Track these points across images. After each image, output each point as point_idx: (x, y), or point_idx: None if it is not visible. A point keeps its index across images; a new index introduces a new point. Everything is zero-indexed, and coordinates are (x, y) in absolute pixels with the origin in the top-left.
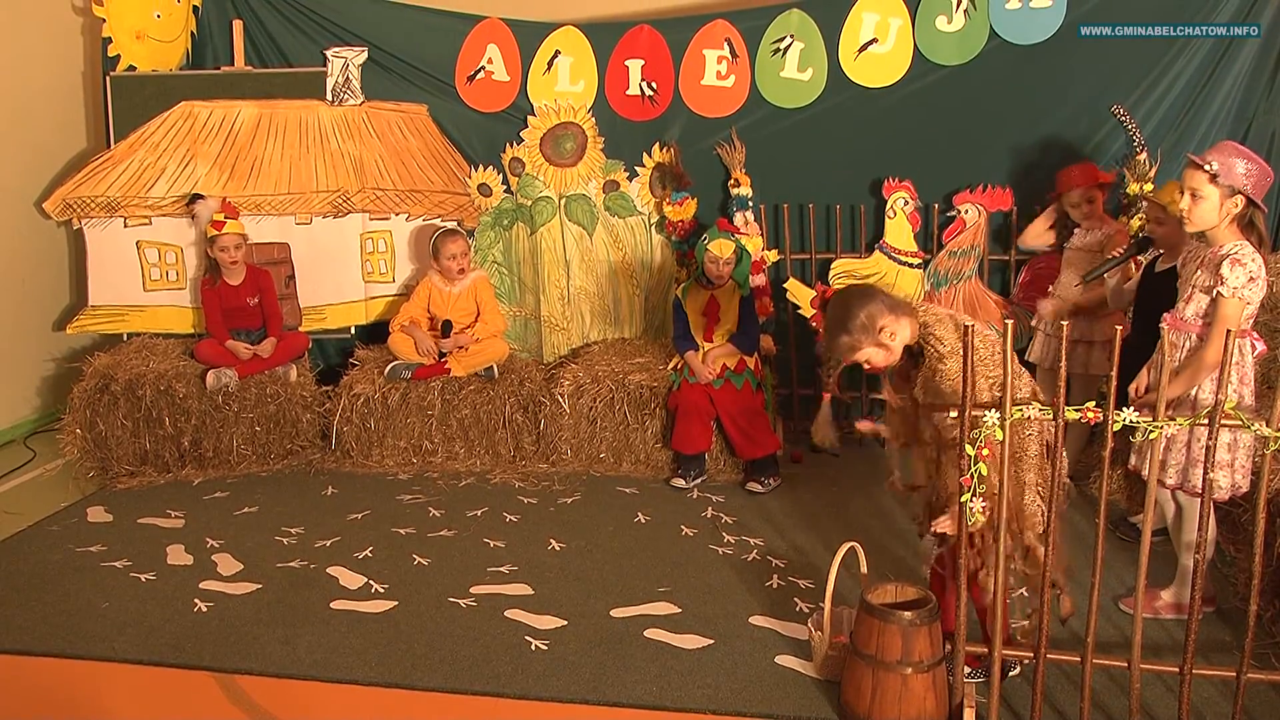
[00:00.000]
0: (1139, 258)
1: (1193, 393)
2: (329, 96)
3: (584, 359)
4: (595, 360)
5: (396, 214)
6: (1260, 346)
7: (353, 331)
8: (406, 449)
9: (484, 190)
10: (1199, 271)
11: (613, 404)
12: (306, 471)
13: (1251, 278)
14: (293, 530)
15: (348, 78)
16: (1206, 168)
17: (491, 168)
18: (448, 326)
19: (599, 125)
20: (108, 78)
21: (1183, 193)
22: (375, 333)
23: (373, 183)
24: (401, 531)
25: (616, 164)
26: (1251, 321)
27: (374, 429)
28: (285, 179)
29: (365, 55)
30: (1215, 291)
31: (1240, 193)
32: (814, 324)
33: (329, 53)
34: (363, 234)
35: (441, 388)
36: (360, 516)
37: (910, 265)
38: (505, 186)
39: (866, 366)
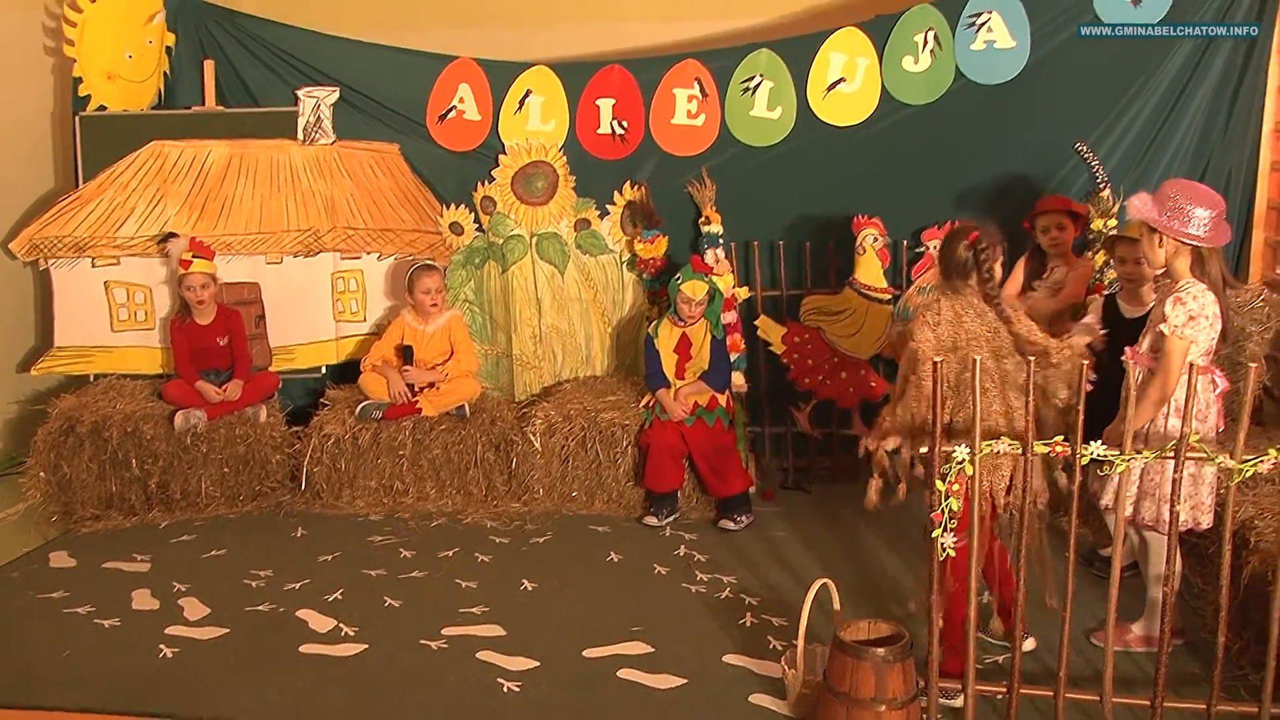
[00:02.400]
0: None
1: (1147, 427)
2: (300, 136)
3: (556, 397)
4: (567, 398)
5: (368, 253)
6: (1222, 384)
7: (323, 371)
8: (377, 489)
9: (455, 229)
10: (1158, 306)
11: (585, 442)
12: (276, 513)
13: (1191, 316)
14: (261, 573)
15: (319, 117)
16: (1151, 224)
17: (463, 206)
18: (408, 352)
19: (570, 164)
20: (77, 117)
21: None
22: (346, 372)
23: (344, 221)
24: (372, 573)
25: (588, 202)
26: (1209, 359)
27: (345, 469)
28: (256, 218)
29: (337, 95)
30: (1159, 329)
31: (1187, 241)
32: (784, 361)
33: (300, 92)
34: (334, 273)
35: (413, 427)
36: (330, 558)
37: (880, 301)
38: (477, 225)
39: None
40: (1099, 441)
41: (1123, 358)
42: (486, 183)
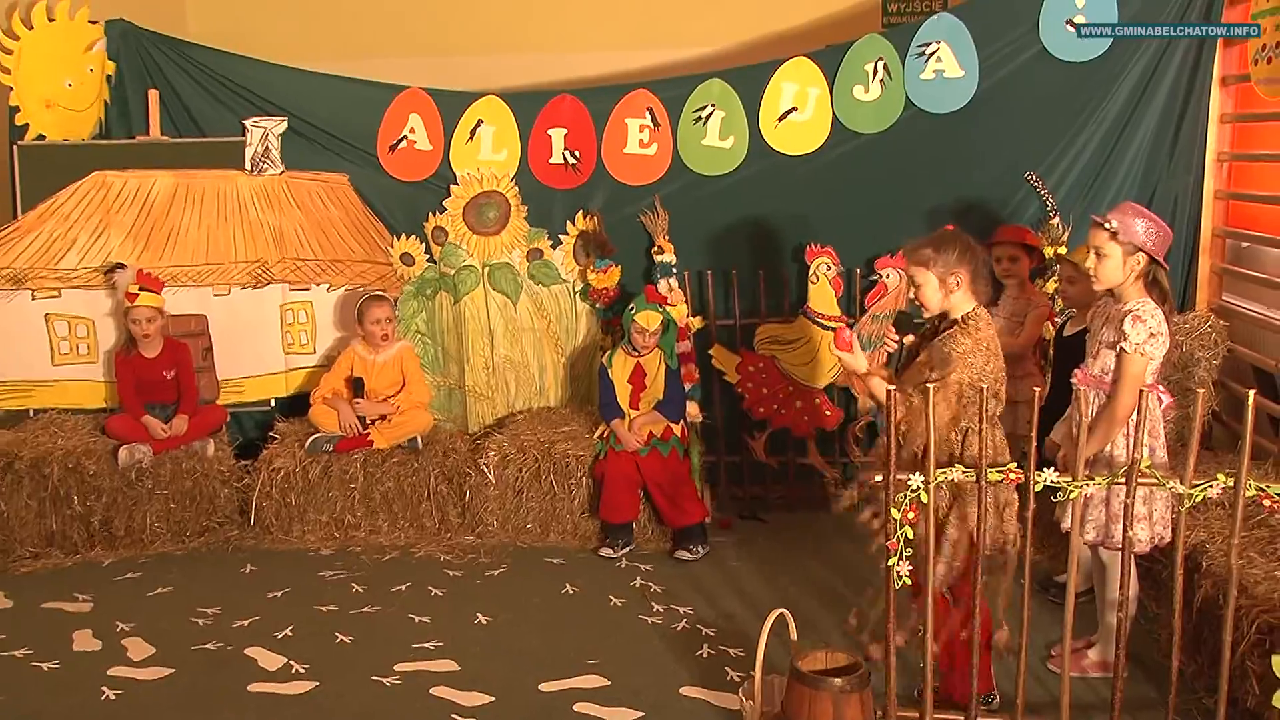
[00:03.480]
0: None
1: (1107, 449)
2: (248, 166)
3: (509, 428)
4: (521, 430)
5: (317, 284)
6: (1167, 399)
7: (272, 404)
8: (328, 524)
9: (406, 260)
10: (1105, 328)
11: (539, 474)
12: (224, 549)
13: (1152, 333)
14: (209, 611)
15: (267, 147)
16: (1107, 225)
17: (414, 237)
18: (359, 384)
19: (522, 193)
20: (15, 146)
21: (1089, 252)
22: (296, 405)
23: (293, 253)
24: (323, 609)
25: (540, 232)
26: (1155, 376)
27: (294, 504)
28: (203, 249)
29: (285, 125)
30: (1119, 348)
31: (1141, 250)
32: (739, 390)
33: (248, 122)
34: (282, 305)
35: (364, 460)
36: (280, 594)
37: (834, 330)
38: (428, 256)
39: (911, 292)
40: (1051, 469)
41: (1072, 380)
42: (438, 213)
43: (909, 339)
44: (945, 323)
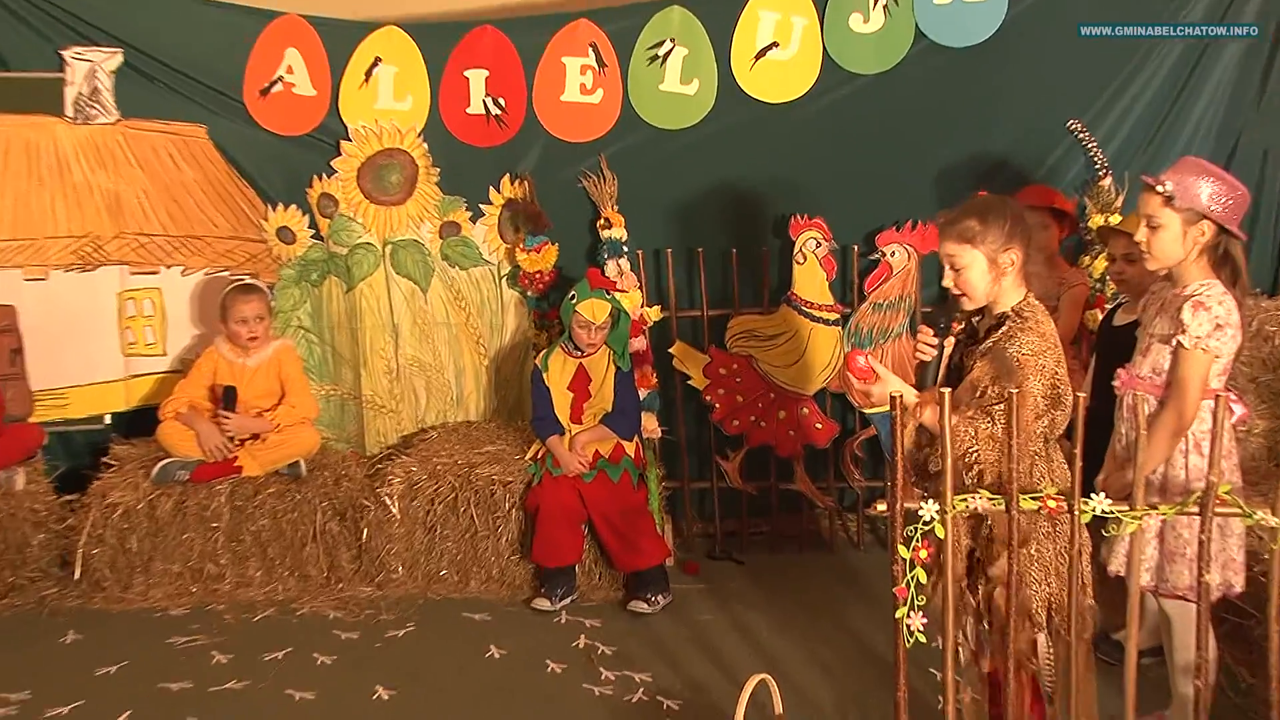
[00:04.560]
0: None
1: (1159, 471)
2: (70, 112)
3: (418, 449)
4: (433, 450)
5: (168, 266)
6: (1240, 409)
7: (107, 421)
8: (182, 575)
9: (285, 236)
10: (1158, 318)
11: (456, 506)
12: (37, 612)
13: (1218, 324)
14: (13, 697)
15: (95, 88)
16: (1160, 188)
17: (294, 207)
18: (230, 395)
19: (433, 153)
20: None
21: (1140, 222)
22: (139, 422)
23: (134, 226)
24: (173, 687)
25: (456, 201)
26: (1224, 378)
27: (136, 550)
28: (8, 220)
29: (120, 59)
30: (1175, 341)
31: (1206, 217)
32: (707, 398)
33: (68, 54)
34: (121, 292)
35: (230, 492)
36: (114, 670)
37: (825, 322)
38: (313, 231)
39: (949, 276)
40: (1103, 495)
41: (1115, 383)
42: (325, 176)
43: (950, 340)
44: (988, 319)
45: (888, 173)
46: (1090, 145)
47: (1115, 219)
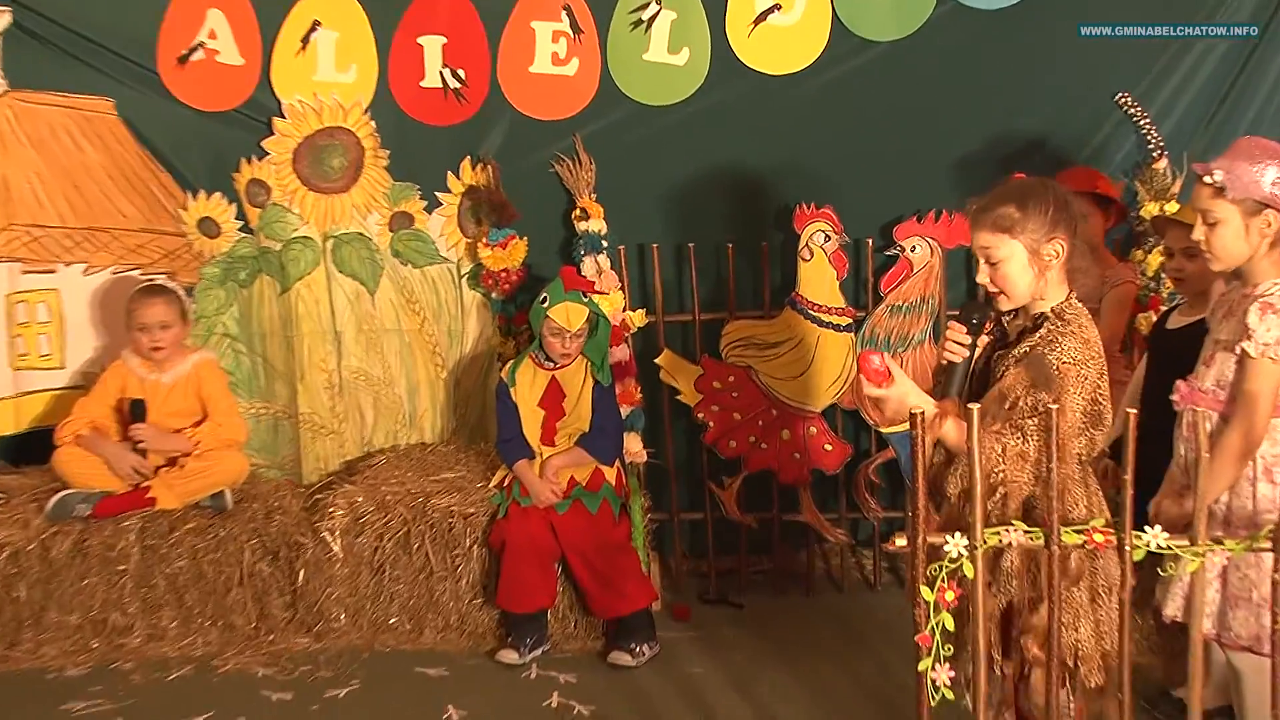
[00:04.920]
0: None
1: (1222, 500)
2: None
3: (364, 476)
4: (381, 478)
5: (67, 264)
6: None
7: None
8: (81, 628)
9: (208, 228)
10: (1225, 321)
11: (408, 542)
12: None
13: None
14: None
15: None
16: (1209, 179)
17: (219, 195)
18: (139, 408)
19: (381, 132)
20: None
21: (1197, 218)
22: (31, 447)
23: (26, 216)
24: None
25: (409, 189)
26: None
27: (26, 599)
28: None
29: (8, 19)
30: (1239, 349)
31: (1269, 206)
32: (700, 416)
33: None
34: (10, 295)
35: (141, 529)
36: None
37: (835, 327)
38: (241, 223)
39: (984, 271)
40: (1158, 527)
41: (1173, 397)
42: (254, 159)
43: (983, 340)
44: (1022, 319)
45: (907, 155)
46: (1143, 121)
47: (1172, 208)
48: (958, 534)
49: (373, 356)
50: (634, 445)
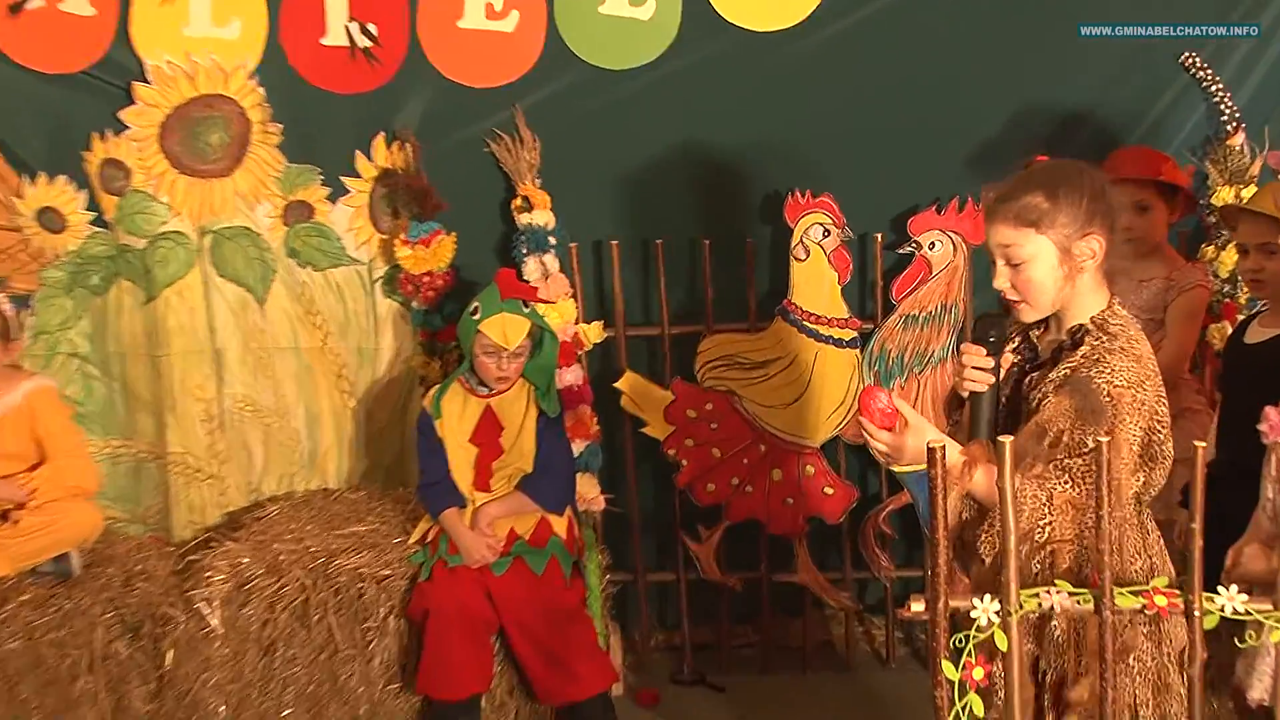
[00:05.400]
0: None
1: None
2: None
3: (252, 531)
4: (273, 534)
5: None
6: None
7: None
8: None
9: (50, 221)
10: None
11: (307, 614)
12: None
13: None
14: None
15: None
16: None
17: (64, 179)
18: None
19: (272, 102)
20: None
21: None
22: None
23: None
24: None
25: (307, 173)
26: None
27: None
28: None
29: None
30: None
31: None
32: (671, 453)
33: None
34: None
35: None
36: None
37: (837, 342)
38: (93, 214)
39: (1003, 275)
40: (1234, 588)
41: (1261, 427)
42: (110, 135)
43: (1006, 360)
44: (1055, 333)
45: (924, 132)
46: (1214, 88)
47: (1249, 193)
48: (987, 597)
49: (262, 381)
50: (589, 490)
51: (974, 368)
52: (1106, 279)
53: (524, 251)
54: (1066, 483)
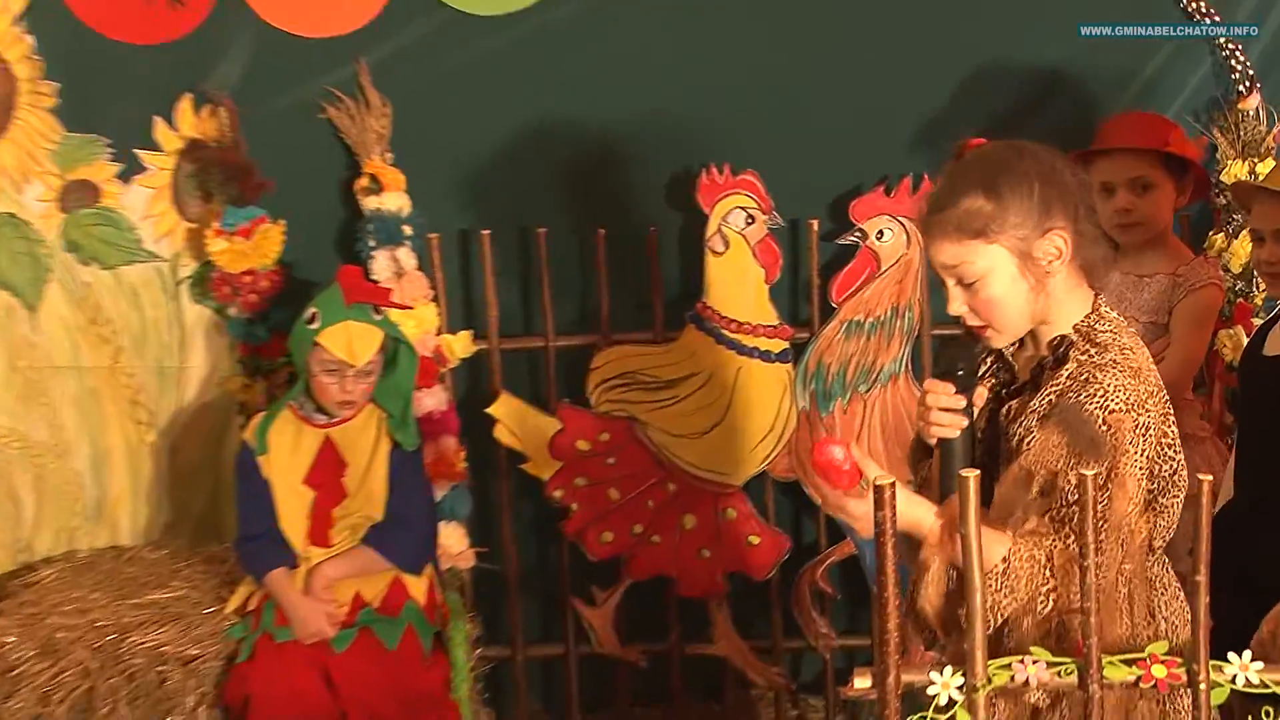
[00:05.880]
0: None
1: None
2: None
3: (20, 602)
4: (49, 604)
5: None
6: None
7: None
8: None
9: None
10: None
11: (92, 706)
12: None
13: None
14: None
15: None
16: None
17: None
18: None
19: (45, 55)
20: None
21: None
22: None
23: None
24: None
25: (92, 145)
26: None
27: None
28: None
29: None
30: None
31: None
32: (557, 494)
33: None
34: None
35: None
36: None
37: (764, 355)
38: None
39: (958, 298)
40: (1246, 654)
41: None
42: None
43: (981, 394)
44: (1033, 349)
45: (870, 95)
46: (1225, 44)
47: (1266, 167)
48: (948, 670)
49: (33, 410)
50: (454, 543)
51: (941, 409)
52: (1085, 275)
53: (372, 244)
54: (1068, 537)
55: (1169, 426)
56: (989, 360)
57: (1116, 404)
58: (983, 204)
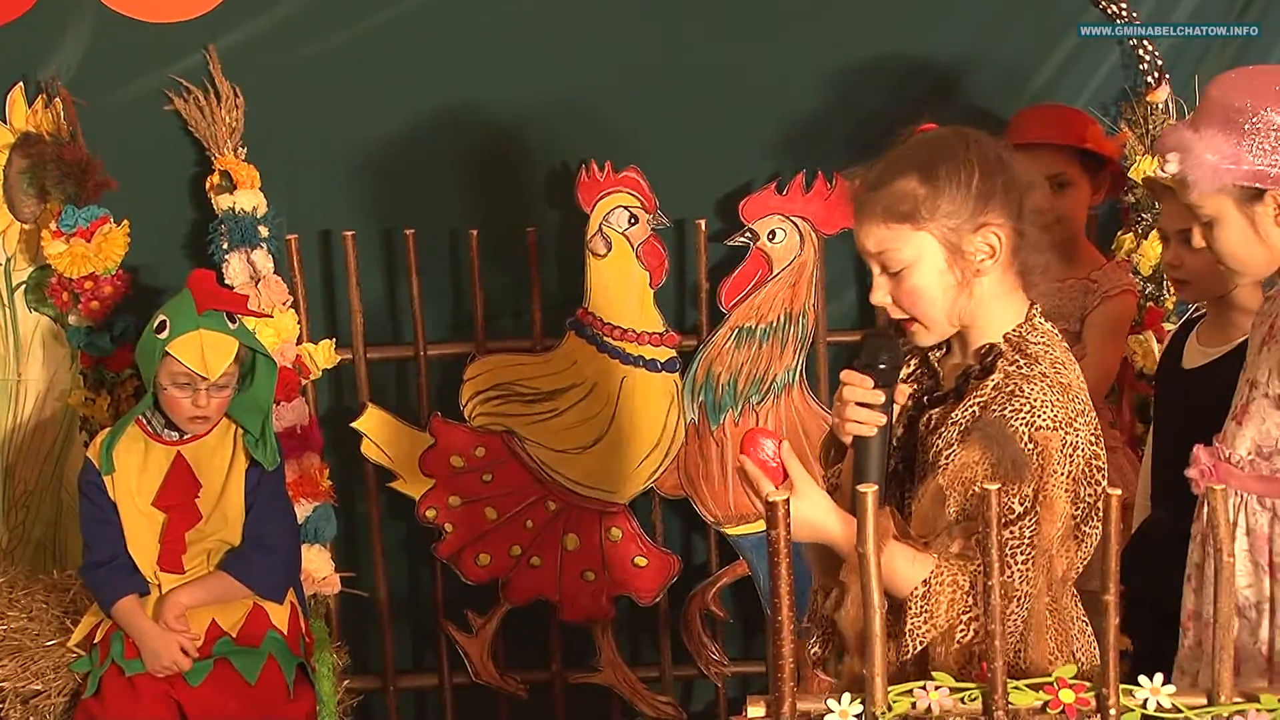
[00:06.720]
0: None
1: (1264, 634)
2: None
3: None
4: None
5: None
6: None
7: None
8: None
9: None
10: (1264, 352)
11: None
12: None
13: None
14: None
15: None
16: (1164, 169)
17: None
18: None
19: None
20: None
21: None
22: None
23: None
24: None
25: None
26: None
27: None
28: None
29: None
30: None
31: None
32: (429, 514)
33: None
34: None
35: None
36: None
37: (650, 364)
38: None
39: (882, 287)
40: (1158, 677)
41: (1190, 473)
42: None
43: (902, 392)
44: (959, 357)
45: (761, 90)
46: (1131, 28)
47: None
48: (846, 697)
49: None
50: (319, 567)
51: (858, 404)
52: (1021, 280)
53: (225, 247)
54: (996, 564)
55: (1099, 448)
56: (913, 362)
57: (1044, 420)
58: (915, 187)
